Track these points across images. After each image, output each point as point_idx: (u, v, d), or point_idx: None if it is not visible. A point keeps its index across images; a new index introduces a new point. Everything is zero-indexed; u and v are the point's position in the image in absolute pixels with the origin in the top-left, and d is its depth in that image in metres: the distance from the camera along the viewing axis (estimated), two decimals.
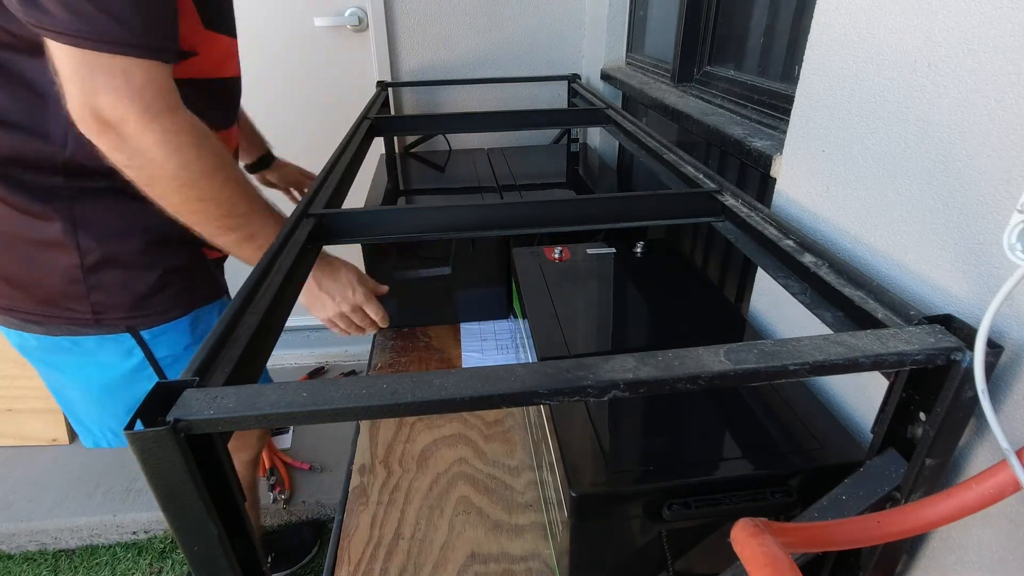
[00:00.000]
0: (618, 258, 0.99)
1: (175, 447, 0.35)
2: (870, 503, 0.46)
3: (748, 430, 0.61)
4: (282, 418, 0.36)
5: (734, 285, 1.09)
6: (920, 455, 0.44)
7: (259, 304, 0.50)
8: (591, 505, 0.55)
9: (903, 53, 0.53)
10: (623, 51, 1.66)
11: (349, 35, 1.80)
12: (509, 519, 0.84)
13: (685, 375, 0.38)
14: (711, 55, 1.20)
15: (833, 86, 0.63)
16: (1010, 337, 0.44)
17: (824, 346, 0.40)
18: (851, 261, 0.57)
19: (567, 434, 0.61)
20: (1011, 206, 0.43)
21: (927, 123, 0.51)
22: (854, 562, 0.53)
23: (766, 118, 0.93)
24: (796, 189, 0.72)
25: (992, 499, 0.38)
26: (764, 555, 0.33)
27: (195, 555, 0.40)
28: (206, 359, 0.41)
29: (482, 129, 1.29)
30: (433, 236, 0.71)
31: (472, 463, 0.94)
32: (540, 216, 0.73)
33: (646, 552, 0.60)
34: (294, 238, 0.63)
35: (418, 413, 0.37)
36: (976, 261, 0.47)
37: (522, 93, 1.88)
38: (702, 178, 0.79)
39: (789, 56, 0.93)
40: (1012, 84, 0.43)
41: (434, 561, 0.79)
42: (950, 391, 0.41)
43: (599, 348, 0.77)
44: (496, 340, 1.25)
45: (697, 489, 0.55)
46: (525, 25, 1.78)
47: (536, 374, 0.38)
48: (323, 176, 0.83)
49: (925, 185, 0.52)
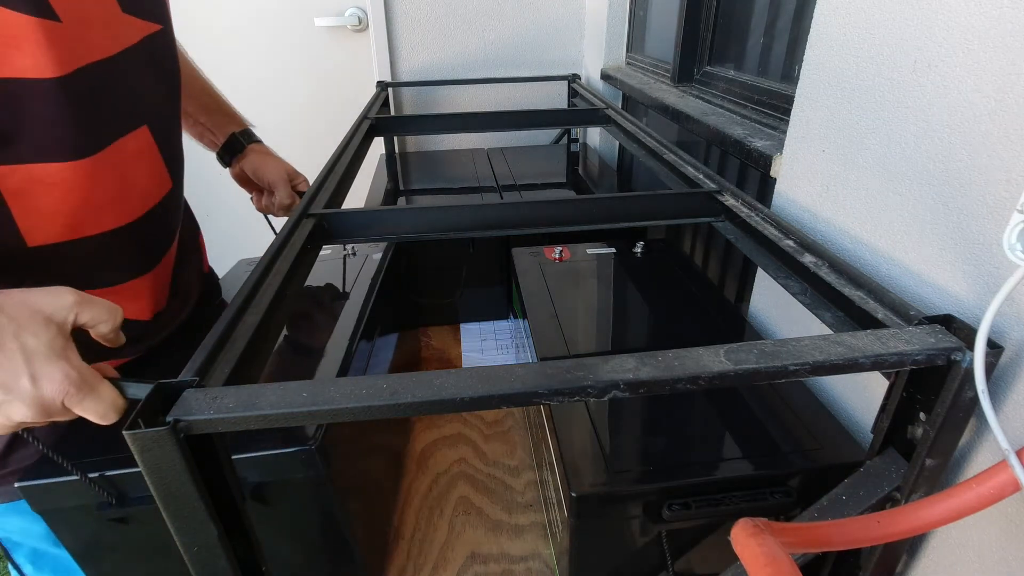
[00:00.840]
0: (618, 258, 0.99)
1: (175, 447, 0.35)
2: (870, 503, 0.46)
3: (748, 430, 0.61)
4: (282, 418, 0.36)
5: (734, 285, 1.09)
6: (920, 455, 0.44)
7: (259, 304, 0.50)
8: (591, 505, 0.55)
9: (903, 53, 0.53)
10: (623, 51, 1.66)
11: (349, 35, 1.80)
12: (509, 519, 0.84)
13: (685, 375, 0.38)
14: (711, 55, 1.20)
15: (833, 86, 0.63)
16: (1010, 337, 0.44)
17: (824, 346, 0.40)
18: (851, 261, 0.57)
19: (567, 434, 0.61)
20: (1011, 206, 0.43)
21: (927, 123, 0.51)
22: (854, 562, 0.53)
23: (766, 118, 0.93)
24: (796, 189, 0.72)
25: (992, 499, 0.38)
26: (764, 555, 0.33)
27: (195, 555, 0.40)
28: (206, 359, 0.41)
29: (482, 129, 1.29)
30: (433, 236, 0.71)
31: (472, 463, 0.94)
32: (540, 216, 0.73)
33: (646, 552, 0.60)
34: (294, 238, 0.63)
35: (418, 413, 0.37)
36: (976, 261, 0.47)
37: (522, 93, 1.88)
38: (702, 178, 0.79)
39: (789, 56, 0.93)
40: (1012, 84, 0.43)
41: (434, 561, 0.79)
42: (950, 391, 0.41)
43: (599, 348, 0.77)
44: (496, 340, 1.25)
45: (697, 489, 0.55)
46: (525, 25, 1.79)
47: (536, 374, 0.38)
48: (323, 176, 0.83)
49: (925, 185, 0.52)
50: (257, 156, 0.93)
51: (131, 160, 0.60)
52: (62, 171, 0.53)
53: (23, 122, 0.51)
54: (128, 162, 0.59)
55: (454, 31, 1.76)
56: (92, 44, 0.54)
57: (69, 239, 0.56)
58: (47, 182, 0.53)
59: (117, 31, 0.58)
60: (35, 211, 0.53)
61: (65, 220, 0.55)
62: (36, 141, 0.52)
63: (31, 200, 0.52)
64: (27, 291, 0.43)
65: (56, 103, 0.51)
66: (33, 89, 0.50)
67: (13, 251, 0.53)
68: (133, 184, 0.61)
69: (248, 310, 0.49)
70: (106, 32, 0.56)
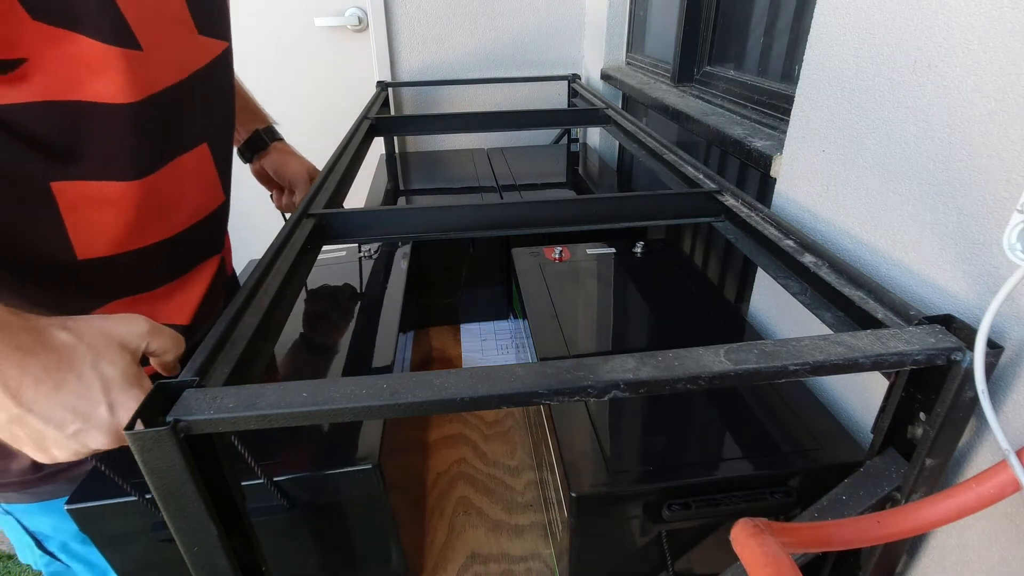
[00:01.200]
0: (618, 258, 0.99)
1: (175, 447, 0.35)
2: (870, 503, 0.46)
3: (748, 430, 0.61)
4: (282, 418, 0.36)
5: (734, 285, 1.09)
6: (920, 455, 0.44)
7: (259, 304, 0.50)
8: (591, 505, 0.55)
9: (903, 53, 0.53)
10: (623, 51, 1.66)
11: (349, 35, 1.80)
12: (509, 519, 0.84)
13: (685, 375, 0.38)
14: (711, 55, 1.20)
15: (833, 86, 0.63)
16: (1010, 337, 0.44)
17: (824, 346, 0.40)
18: (851, 261, 0.57)
19: (567, 434, 0.61)
20: (1011, 206, 0.43)
21: (927, 123, 0.51)
22: (854, 562, 0.53)
23: (766, 118, 0.93)
24: (796, 189, 0.72)
25: (992, 499, 0.38)
26: (764, 555, 0.33)
27: (195, 555, 0.40)
28: (206, 359, 0.41)
29: (482, 129, 1.29)
30: (433, 236, 0.71)
31: (472, 463, 0.94)
32: (540, 216, 0.73)
33: (646, 552, 0.60)
34: (294, 238, 0.63)
35: (418, 413, 0.37)
36: (976, 261, 0.47)
37: (522, 93, 1.88)
38: (702, 178, 0.79)
39: (789, 56, 0.93)
40: (1012, 84, 0.43)
41: (434, 561, 0.79)
42: (950, 391, 0.41)
43: (599, 348, 0.77)
44: (496, 340, 1.25)
45: (697, 489, 0.55)
46: (525, 25, 1.79)
47: (536, 374, 0.38)
48: (323, 176, 0.83)
49: (925, 185, 0.52)
50: (279, 155, 0.93)
51: (188, 176, 0.61)
52: (121, 189, 0.54)
53: (91, 142, 0.51)
54: (185, 177, 0.60)
55: (454, 31, 1.76)
56: (167, 70, 0.55)
57: (119, 252, 0.56)
58: (105, 199, 0.54)
59: (191, 54, 0.58)
60: (89, 225, 0.53)
61: (117, 234, 0.56)
62: (100, 160, 0.52)
63: (86, 215, 0.53)
64: (103, 318, 0.44)
65: (126, 127, 0.52)
66: (106, 112, 0.51)
67: (64, 263, 0.53)
68: (186, 198, 0.62)
69: (248, 310, 0.49)
70: (180, 56, 0.57)
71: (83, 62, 0.48)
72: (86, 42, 0.47)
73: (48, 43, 0.46)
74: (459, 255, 1.23)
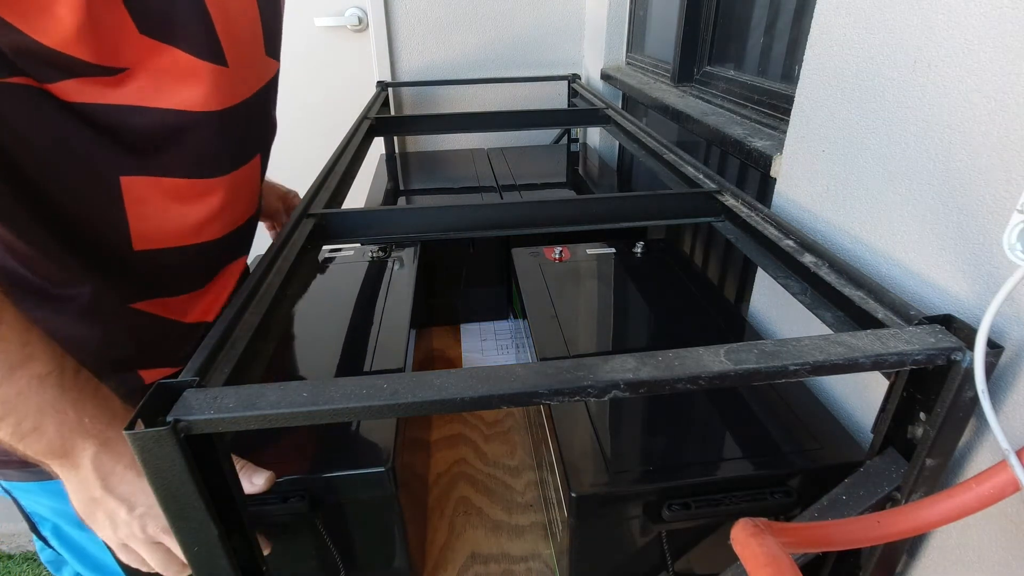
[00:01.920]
0: (618, 258, 0.99)
1: (175, 447, 0.35)
2: (870, 503, 0.46)
3: (748, 430, 0.61)
4: (282, 418, 0.36)
5: (734, 285, 1.09)
6: (920, 455, 0.44)
7: (259, 304, 0.50)
8: (591, 505, 0.55)
9: (903, 53, 0.53)
10: (623, 51, 1.66)
11: (349, 35, 1.80)
12: (509, 519, 0.84)
13: (685, 375, 0.38)
14: (711, 55, 1.20)
15: (833, 86, 0.63)
16: (1010, 337, 0.44)
17: (824, 346, 0.40)
18: (851, 261, 0.57)
19: (567, 434, 0.61)
20: (1011, 206, 0.43)
21: (927, 123, 0.51)
22: (854, 562, 0.53)
23: (766, 118, 0.93)
24: (796, 189, 0.72)
25: (992, 499, 0.38)
26: (764, 555, 0.33)
27: (195, 555, 0.40)
28: (206, 359, 0.41)
29: (482, 129, 1.29)
30: (433, 236, 0.71)
31: (472, 463, 0.94)
32: (540, 216, 0.73)
33: (646, 552, 0.60)
34: (294, 238, 0.63)
35: (418, 413, 0.37)
36: (976, 261, 0.47)
37: (522, 93, 1.88)
38: (702, 178, 0.79)
39: (789, 56, 0.93)
40: (1012, 84, 0.43)
41: (434, 561, 0.79)
42: (950, 391, 0.41)
43: (599, 348, 0.77)
44: (496, 340, 1.25)
45: (697, 489, 0.55)
46: (525, 25, 1.79)
47: (536, 374, 0.38)
48: (323, 176, 0.83)
49: (925, 185, 0.52)
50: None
51: (244, 184, 0.66)
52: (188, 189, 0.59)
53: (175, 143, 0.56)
54: (238, 186, 0.65)
55: (454, 31, 1.76)
56: (241, 86, 0.60)
57: (170, 246, 0.60)
58: (168, 195, 0.58)
59: (259, 72, 0.64)
60: (149, 218, 0.58)
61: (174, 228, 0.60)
62: (176, 160, 0.57)
63: (148, 208, 0.57)
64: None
65: (207, 132, 0.58)
66: (193, 119, 0.56)
67: (119, 251, 0.58)
68: (239, 204, 0.67)
69: (248, 310, 0.49)
70: (252, 73, 0.62)
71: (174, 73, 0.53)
72: (181, 55, 0.53)
73: (149, 54, 0.51)
74: (458, 254, 1.23)
